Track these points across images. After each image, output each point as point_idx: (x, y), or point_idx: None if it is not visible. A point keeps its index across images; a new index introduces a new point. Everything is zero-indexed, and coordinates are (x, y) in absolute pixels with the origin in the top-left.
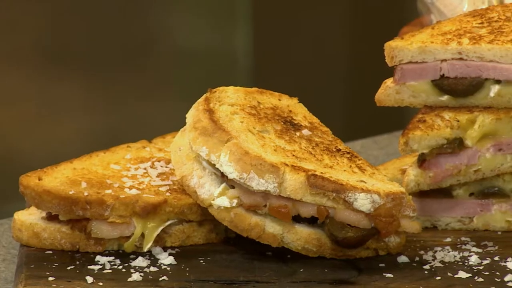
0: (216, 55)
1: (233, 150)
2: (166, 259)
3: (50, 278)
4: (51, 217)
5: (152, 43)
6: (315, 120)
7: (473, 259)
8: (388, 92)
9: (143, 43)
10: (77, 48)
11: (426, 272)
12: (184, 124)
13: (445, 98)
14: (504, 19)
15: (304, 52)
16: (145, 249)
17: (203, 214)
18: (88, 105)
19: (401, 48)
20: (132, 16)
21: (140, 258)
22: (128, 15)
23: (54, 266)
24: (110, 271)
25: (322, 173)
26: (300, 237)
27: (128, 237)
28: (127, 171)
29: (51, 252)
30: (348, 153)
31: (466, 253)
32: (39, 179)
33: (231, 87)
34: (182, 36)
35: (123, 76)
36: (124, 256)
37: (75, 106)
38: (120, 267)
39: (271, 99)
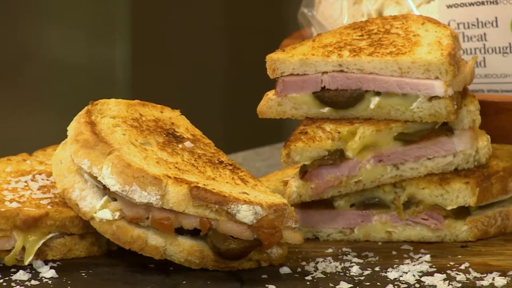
0: (95, 68)
1: (115, 162)
2: (47, 273)
3: None
4: None
5: (29, 56)
6: (198, 132)
7: (354, 270)
8: (270, 104)
9: (20, 56)
10: None
11: (308, 283)
12: (66, 137)
13: (326, 110)
14: (383, 31)
15: (184, 64)
16: (26, 263)
17: (85, 227)
18: None
19: (283, 60)
20: (8, 29)
21: (21, 271)
22: (3, 28)
23: None
24: None
25: (204, 185)
26: (182, 249)
27: (9, 251)
28: (7, 184)
29: None
30: (230, 165)
31: (347, 264)
32: None
33: (113, 100)
34: (60, 49)
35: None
36: (5, 270)
37: None
38: (1, 280)
39: (153, 112)
